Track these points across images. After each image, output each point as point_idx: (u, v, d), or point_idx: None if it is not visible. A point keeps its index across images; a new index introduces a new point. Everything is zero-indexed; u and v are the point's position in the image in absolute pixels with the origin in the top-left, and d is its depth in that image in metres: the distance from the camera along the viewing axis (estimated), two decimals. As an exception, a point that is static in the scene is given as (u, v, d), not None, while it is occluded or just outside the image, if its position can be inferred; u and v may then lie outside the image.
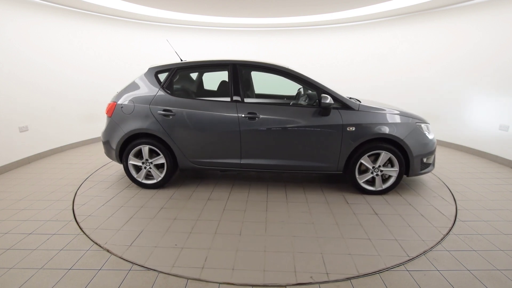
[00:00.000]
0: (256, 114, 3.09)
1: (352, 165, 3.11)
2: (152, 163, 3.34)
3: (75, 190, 3.38)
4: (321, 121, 3.04)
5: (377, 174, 3.15)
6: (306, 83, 3.15)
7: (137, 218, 2.76)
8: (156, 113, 3.20)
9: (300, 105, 3.24)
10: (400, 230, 2.51)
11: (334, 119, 3.03)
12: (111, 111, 3.34)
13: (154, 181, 3.40)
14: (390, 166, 3.14)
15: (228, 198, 3.18)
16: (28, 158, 4.45)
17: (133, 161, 3.35)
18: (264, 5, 5.28)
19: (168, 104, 3.21)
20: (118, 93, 3.45)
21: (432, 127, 3.41)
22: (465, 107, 4.98)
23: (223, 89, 3.43)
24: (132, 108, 3.26)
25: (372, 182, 3.22)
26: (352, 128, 3.01)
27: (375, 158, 3.12)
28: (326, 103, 2.89)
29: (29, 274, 1.96)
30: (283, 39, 7.26)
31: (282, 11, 5.81)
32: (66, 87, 5.14)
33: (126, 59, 6.14)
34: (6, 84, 4.13)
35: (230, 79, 3.22)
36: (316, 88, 3.11)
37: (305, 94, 3.44)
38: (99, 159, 4.63)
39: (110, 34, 5.86)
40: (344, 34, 6.81)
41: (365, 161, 3.10)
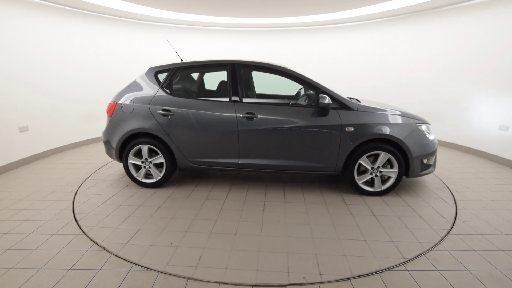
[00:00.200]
0: (254, 114, 3.09)
1: (351, 165, 3.09)
2: (151, 162, 3.36)
3: (75, 190, 3.38)
4: (319, 121, 3.03)
5: (376, 175, 3.11)
6: (305, 83, 3.14)
7: (135, 216, 2.77)
8: (155, 113, 3.22)
9: (298, 105, 3.22)
10: (397, 231, 2.48)
11: (332, 119, 3.01)
12: (112, 111, 3.38)
13: (154, 180, 3.42)
14: (390, 167, 3.10)
15: (226, 198, 3.18)
16: (28, 158, 4.45)
17: (132, 160, 3.37)
18: (264, 5, 5.28)
19: (167, 104, 3.23)
20: (119, 93, 3.48)
21: (432, 127, 3.39)
22: (465, 107, 4.98)
23: (222, 89, 3.44)
24: (132, 107, 3.29)
25: (371, 183, 3.18)
26: (350, 128, 2.98)
27: (374, 158, 3.08)
28: (324, 103, 2.87)
29: (29, 274, 1.96)
30: (283, 39, 7.26)
31: (282, 11, 5.81)
32: (66, 87, 5.14)
33: (126, 59, 6.14)
34: (6, 84, 4.13)
35: (229, 79, 3.22)
36: (314, 88, 3.10)
37: (304, 94, 3.44)
38: (99, 159, 4.63)
39: (110, 34, 5.86)
40: (344, 34, 6.81)
41: (364, 161, 3.07)
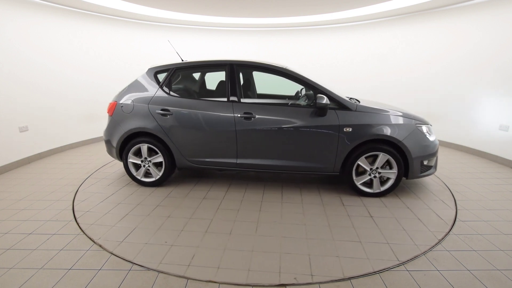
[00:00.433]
0: (252, 114, 3.08)
1: (349, 166, 3.05)
2: (150, 162, 3.38)
3: (75, 190, 3.38)
4: (317, 121, 3.00)
5: (375, 176, 3.07)
6: (303, 83, 3.12)
7: (132, 215, 2.79)
8: (154, 112, 3.24)
9: (296, 105, 3.19)
10: (393, 233, 2.45)
11: (330, 120, 2.98)
12: (112, 110, 3.42)
13: (153, 179, 3.43)
14: (389, 168, 3.05)
15: (223, 197, 3.18)
16: (28, 158, 4.45)
17: (132, 159, 3.40)
18: (264, 5, 5.28)
19: (166, 104, 3.24)
20: (119, 92, 3.51)
21: (433, 128, 3.36)
22: (465, 107, 4.98)
23: (221, 89, 3.44)
24: (131, 107, 3.31)
25: (370, 184, 3.14)
26: (349, 128, 2.96)
27: (373, 159, 3.04)
28: (322, 104, 2.85)
29: (29, 274, 1.96)
30: (283, 39, 7.26)
31: (282, 11, 5.81)
32: (66, 87, 5.14)
33: (126, 59, 6.14)
34: (6, 84, 4.13)
35: (227, 79, 3.22)
36: (312, 88, 3.08)
37: (304, 94, 3.43)
38: (99, 159, 4.63)
39: (110, 34, 5.86)
40: (344, 34, 6.81)
41: (362, 162, 3.03)
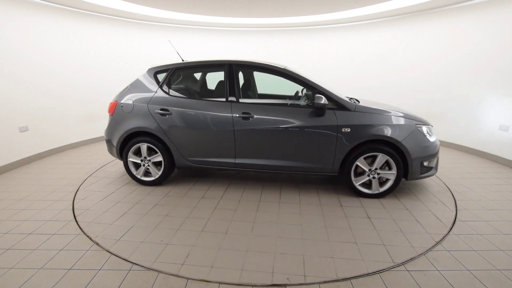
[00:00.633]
0: (250, 114, 3.08)
1: (347, 167, 3.03)
2: (150, 161, 3.40)
3: (75, 190, 3.38)
4: (315, 121, 2.99)
5: (373, 177, 3.04)
6: (301, 83, 3.11)
7: (130, 213, 2.81)
8: (154, 112, 3.26)
9: (295, 105, 3.15)
10: (390, 235, 2.42)
11: (329, 120, 2.96)
12: (113, 110, 3.45)
13: (152, 178, 3.45)
14: (388, 169, 3.02)
15: (221, 197, 3.18)
16: (28, 158, 4.45)
17: (132, 158, 3.42)
18: (264, 5, 5.28)
19: (165, 103, 3.26)
20: (120, 92, 3.54)
21: (434, 129, 3.33)
22: (465, 107, 4.98)
23: (220, 89, 3.44)
24: (131, 107, 3.34)
25: (369, 185, 3.11)
26: (347, 129, 2.93)
27: (372, 160, 3.01)
28: (320, 104, 2.84)
29: (29, 274, 1.96)
30: (283, 39, 7.26)
31: (282, 11, 5.81)
32: (66, 87, 5.14)
33: (126, 59, 6.14)
34: (6, 84, 4.13)
35: (226, 79, 3.22)
36: (311, 88, 3.07)
37: (304, 94, 3.43)
38: (99, 159, 4.63)
39: (110, 34, 5.86)
40: (344, 34, 6.81)
41: (361, 163, 3.00)
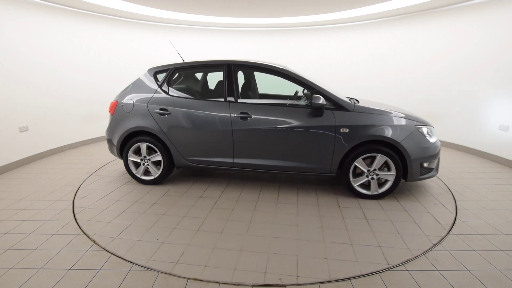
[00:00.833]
0: (248, 114, 3.08)
1: (346, 167, 3.01)
2: (149, 160, 3.42)
3: (75, 190, 3.38)
4: (314, 121, 2.97)
5: (372, 177, 3.01)
6: (300, 83, 3.10)
7: (128, 212, 2.82)
8: (153, 112, 3.27)
9: (293, 105, 3.13)
10: (387, 236, 2.40)
11: (327, 120, 2.95)
12: (113, 110, 3.48)
13: (152, 177, 3.47)
14: (387, 170, 2.98)
15: (219, 197, 3.19)
16: (28, 158, 4.45)
17: (132, 157, 3.45)
18: (264, 5, 5.28)
19: (164, 103, 3.27)
20: (121, 92, 3.57)
21: (434, 130, 3.29)
22: (465, 107, 4.98)
23: (219, 89, 3.43)
24: (131, 106, 3.36)
25: (367, 185, 3.08)
26: (345, 129, 2.91)
27: (371, 161, 2.98)
28: (318, 104, 2.83)
29: (29, 274, 1.96)
30: (283, 39, 7.25)
31: (282, 11, 5.81)
32: (66, 87, 5.14)
33: (126, 59, 6.14)
34: (6, 84, 4.13)
35: (225, 79, 3.22)
36: (309, 88, 3.06)
37: (303, 94, 3.42)
38: (99, 159, 4.63)
39: (110, 34, 5.86)
40: (344, 34, 6.81)
41: (359, 164, 2.97)
